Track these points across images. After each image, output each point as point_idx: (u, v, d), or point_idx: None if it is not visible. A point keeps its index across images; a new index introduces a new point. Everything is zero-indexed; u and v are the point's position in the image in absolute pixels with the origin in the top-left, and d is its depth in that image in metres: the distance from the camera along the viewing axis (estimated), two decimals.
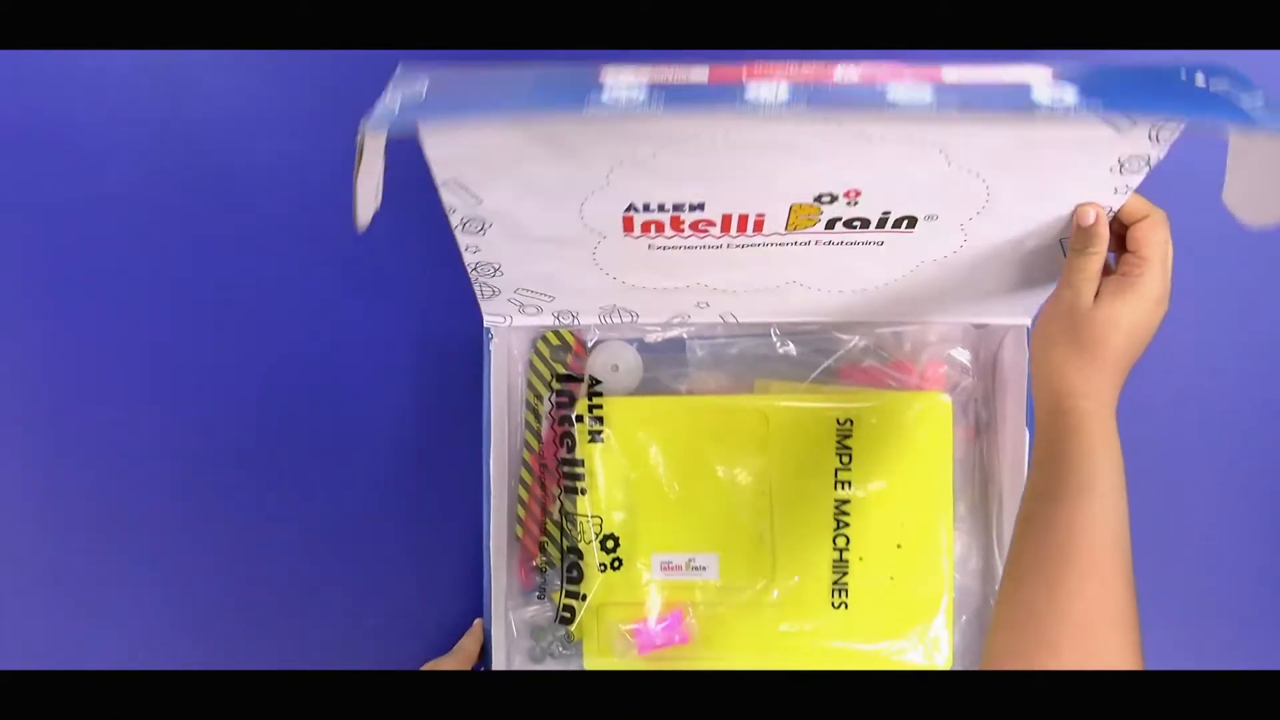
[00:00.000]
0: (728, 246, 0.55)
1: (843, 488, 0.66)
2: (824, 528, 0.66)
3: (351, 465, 0.71)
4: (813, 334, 0.67)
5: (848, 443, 0.66)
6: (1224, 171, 0.49)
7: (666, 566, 0.67)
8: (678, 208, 0.51)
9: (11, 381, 0.71)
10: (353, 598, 0.72)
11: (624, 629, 0.67)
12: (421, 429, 0.71)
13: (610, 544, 0.67)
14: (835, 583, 0.66)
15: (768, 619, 0.66)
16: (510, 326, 0.64)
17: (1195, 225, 0.60)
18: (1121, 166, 0.48)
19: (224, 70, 0.70)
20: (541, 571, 0.68)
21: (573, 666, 0.68)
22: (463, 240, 0.55)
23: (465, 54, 0.63)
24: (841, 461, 0.66)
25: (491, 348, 0.65)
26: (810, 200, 0.51)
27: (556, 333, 0.67)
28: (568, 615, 0.67)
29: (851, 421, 0.66)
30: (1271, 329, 0.70)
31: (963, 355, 0.67)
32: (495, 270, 0.58)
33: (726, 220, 0.53)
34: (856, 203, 0.51)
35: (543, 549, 0.68)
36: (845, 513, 0.66)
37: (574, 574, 0.67)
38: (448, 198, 0.50)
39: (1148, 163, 0.48)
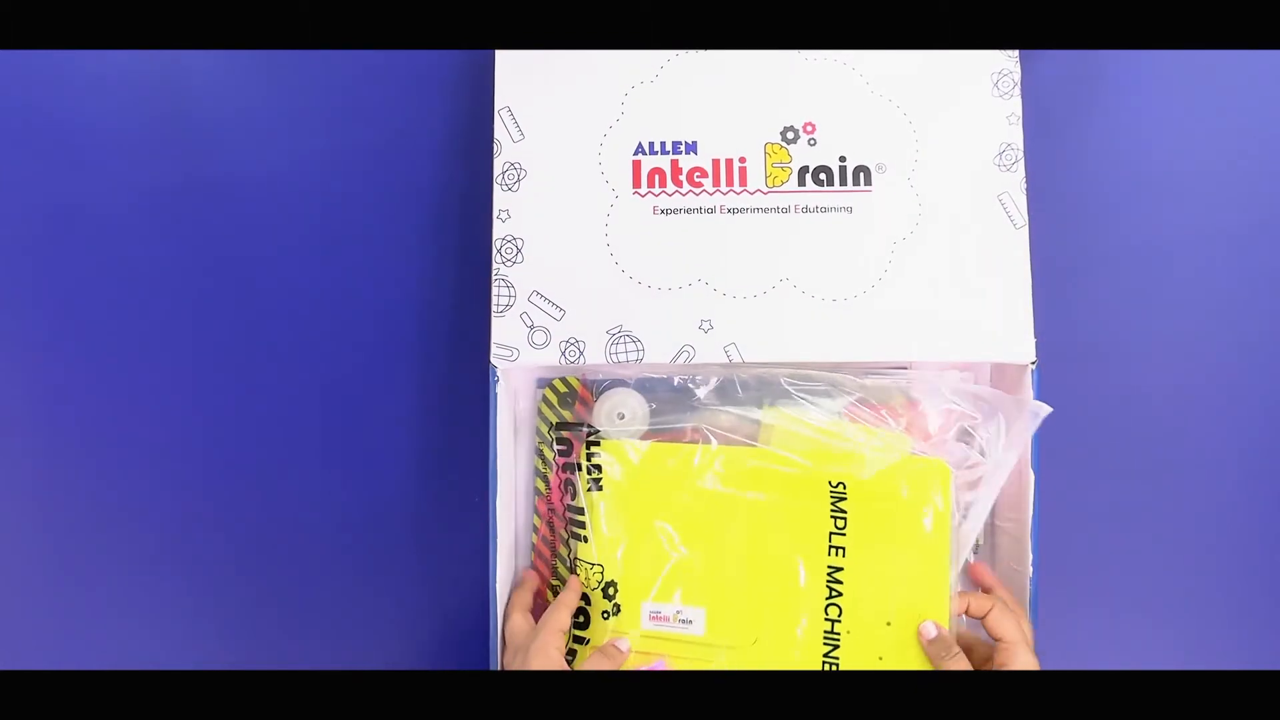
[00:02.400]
0: (720, 210, 0.66)
1: (836, 554, 0.63)
2: (816, 595, 0.63)
3: (360, 508, 0.73)
4: (819, 380, 0.66)
5: (842, 505, 0.64)
6: (1220, 173, 0.67)
7: (655, 616, 0.64)
8: (676, 148, 0.66)
9: (16, 381, 0.66)
10: (359, 639, 0.73)
11: None
12: (433, 466, 0.72)
13: (610, 591, 0.65)
14: (825, 655, 0.63)
15: None
16: (517, 364, 0.65)
17: (1196, 225, 0.71)
18: (997, 84, 0.65)
19: (224, 70, 0.72)
20: None
21: None
22: (499, 203, 0.66)
23: (464, 53, 0.71)
24: (836, 525, 0.64)
25: (498, 390, 0.65)
26: (778, 138, 0.66)
27: (564, 380, 0.67)
28: (570, 660, 0.65)
29: (844, 485, 0.64)
30: (1272, 328, 0.70)
31: (967, 398, 0.66)
32: (518, 252, 0.66)
33: (716, 166, 0.66)
34: (815, 141, 0.66)
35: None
36: (838, 581, 0.63)
37: (580, 619, 0.66)
38: (498, 133, 0.66)
39: (1015, 81, 0.65)
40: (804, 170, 0.66)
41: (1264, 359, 0.72)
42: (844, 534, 0.63)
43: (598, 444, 0.66)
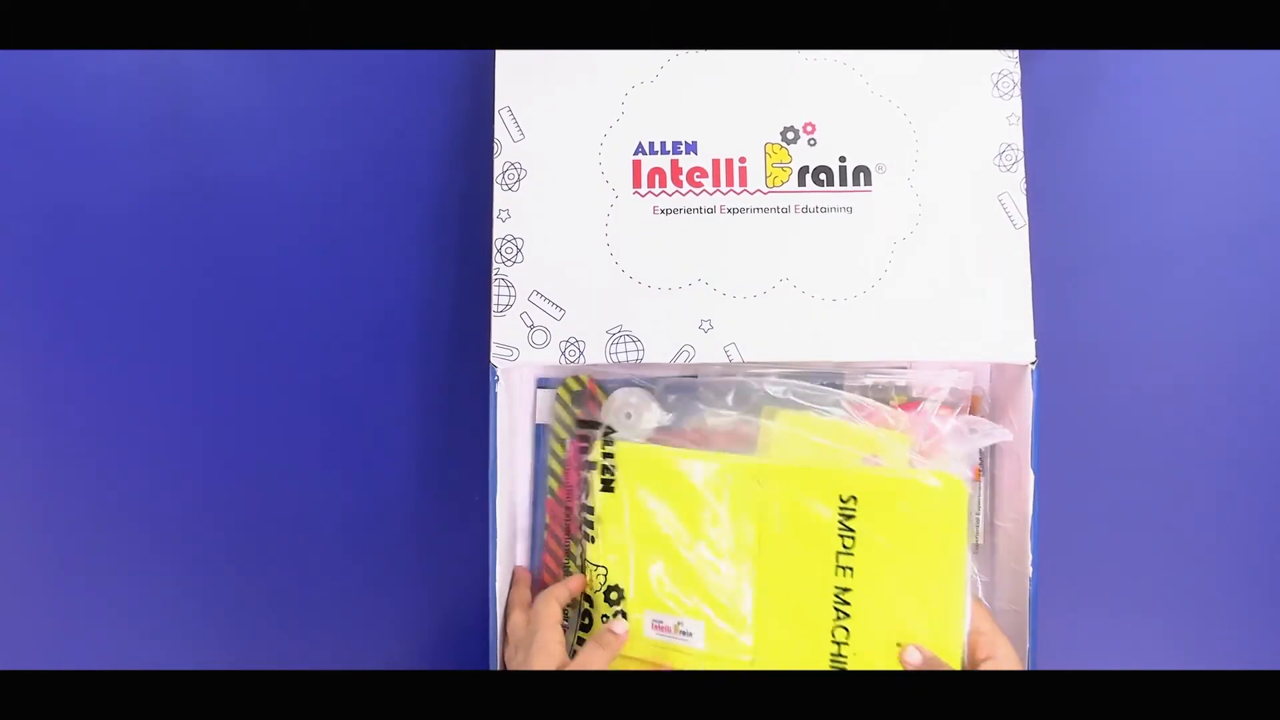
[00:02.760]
0: (720, 210, 0.66)
1: (844, 574, 0.62)
2: (823, 616, 0.62)
3: (360, 508, 0.73)
4: (820, 375, 0.67)
5: (850, 524, 0.63)
6: (1220, 173, 0.69)
7: (658, 626, 0.64)
8: (676, 148, 0.66)
9: (16, 380, 0.66)
10: (359, 639, 0.72)
11: None
12: (433, 466, 0.72)
13: (614, 595, 0.65)
14: None
15: None
16: (517, 363, 0.65)
17: (1196, 225, 0.71)
18: (997, 84, 0.65)
19: (224, 70, 0.72)
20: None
21: None
22: (499, 202, 0.66)
23: (464, 53, 0.71)
24: (844, 545, 0.63)
25: (498, 390, 0.65)
26: (778, 138, 0.66)
27: (577, 378, 0.68)
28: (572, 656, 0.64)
29: (855, 499, 0.62)
30: (1272, 328, 0.71)
31: (967, 398, 0.67)
32: (518, 251, 0.66)
33: (716, 166, 0.66)
34: (815, 141, 0.66)
35: None
36: (845, 602, 0.62)
37: (586, 621, 0.66)
38: (498, 133, 0.66)
39: (1015, 81, 0.65)
40: (804, 170, 0.66)
41: (1264, 359, 0.72)
42: (851, 554, 0.62)
43: (613, 444, 0.66)
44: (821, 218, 0.66)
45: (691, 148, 0.66)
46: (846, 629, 0.62)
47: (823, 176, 0.66)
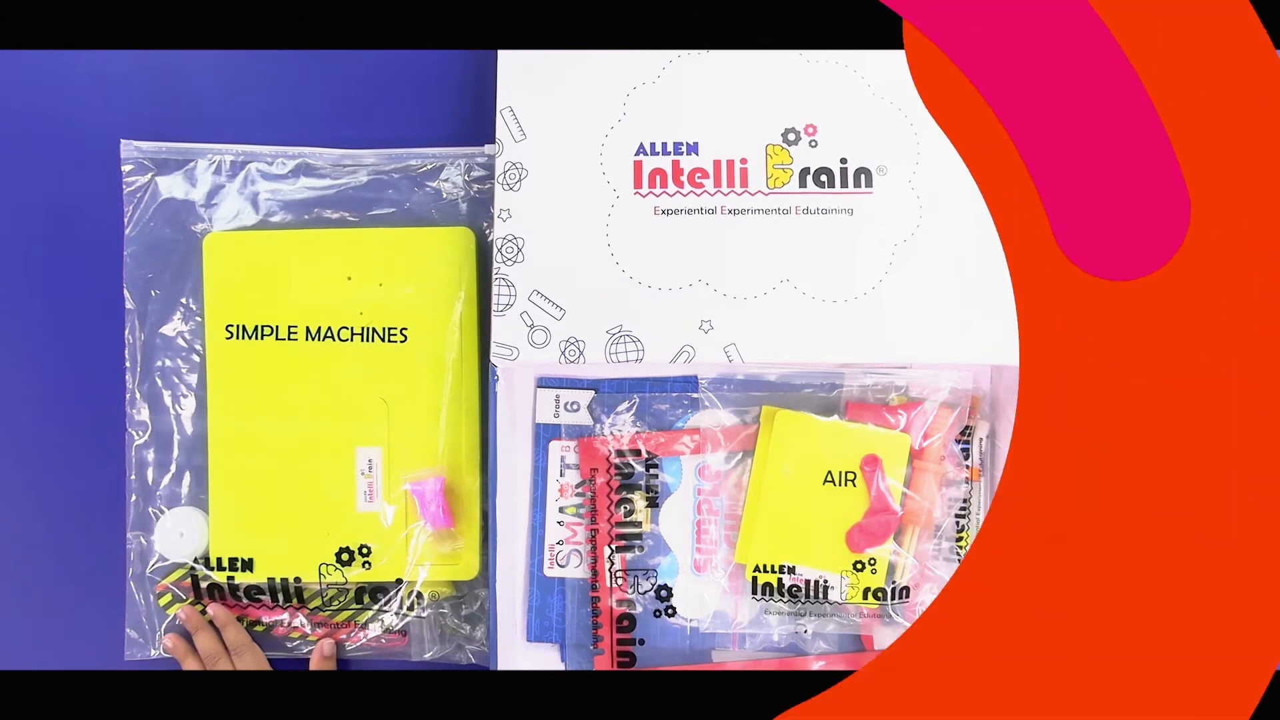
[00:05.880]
0: (721, 211, 0.66)
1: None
2: None
3: None
4: (820, 375, 0.68)
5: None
6: None
7: None
8: (677, 148, 0.66)
9: (15, 381, 0.66)
10: None
11: None
12: None
13: None
14: None
15: None
16: (517, 363, 0.65)
17: None
18: None
19: (224, 70, 0.72)
20: None
21: None
22: (500, 202, 0.66)
23: (466, 53, 0.71)
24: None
25: (498, 389, 0.65)
26: (779, 139, 0.66)
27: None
28: None
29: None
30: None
31: (966, 398, 0.67)
32: (518, 251, 0.66)
33: (717, 167, 0.66)
34: (817, 143, 0.66)
35: None
36: None
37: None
38: (500, 133, 0.66)
39: None
40: (805, 172, 0.66)
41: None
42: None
43: None
44: (822, 219, 0.66)
45: (693, 148, 0.66)
46: None
47: (824, 178, 0.66)
